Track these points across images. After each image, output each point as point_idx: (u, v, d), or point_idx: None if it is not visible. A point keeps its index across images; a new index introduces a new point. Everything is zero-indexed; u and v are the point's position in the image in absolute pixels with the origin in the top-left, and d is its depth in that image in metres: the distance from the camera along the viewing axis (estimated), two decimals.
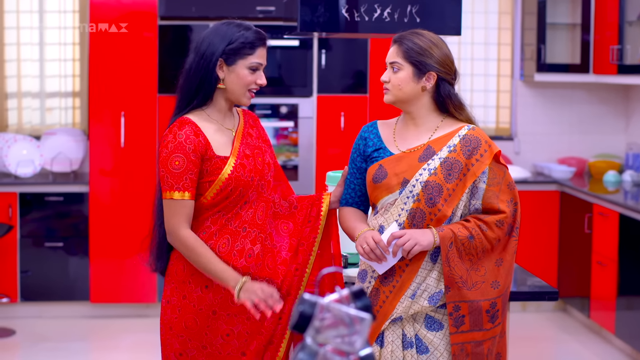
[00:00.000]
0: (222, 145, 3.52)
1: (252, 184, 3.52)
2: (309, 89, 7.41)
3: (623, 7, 7.09)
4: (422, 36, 3.50)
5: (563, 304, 7.62)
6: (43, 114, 7.84)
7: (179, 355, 3.54)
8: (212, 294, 3.49)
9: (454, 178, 3.37)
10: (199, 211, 3.50)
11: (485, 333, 3.39)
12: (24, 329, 7.02)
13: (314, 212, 3.71)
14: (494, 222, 3.36)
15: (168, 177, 3.42)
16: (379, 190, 3.44)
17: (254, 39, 3.54)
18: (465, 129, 3.46)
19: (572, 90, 8.08)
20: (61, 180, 7.32)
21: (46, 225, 7.25)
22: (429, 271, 3.39)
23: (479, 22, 8.04)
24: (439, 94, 3.48)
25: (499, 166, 3.43)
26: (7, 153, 7.27)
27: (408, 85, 3.45)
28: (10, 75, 7.76)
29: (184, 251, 3.45)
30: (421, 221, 3.38)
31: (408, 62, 3.45)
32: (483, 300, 3.35)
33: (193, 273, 3.49)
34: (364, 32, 4.28)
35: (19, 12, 7.72)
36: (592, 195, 6.91)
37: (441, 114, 3.52)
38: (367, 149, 3.54)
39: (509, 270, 3.42)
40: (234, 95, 3.54)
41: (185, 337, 3.52)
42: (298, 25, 4.24)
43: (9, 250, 7.14)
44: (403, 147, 3.48)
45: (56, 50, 7.78)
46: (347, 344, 1.74)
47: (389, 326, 3.42)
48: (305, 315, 1.77)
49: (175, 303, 3.53)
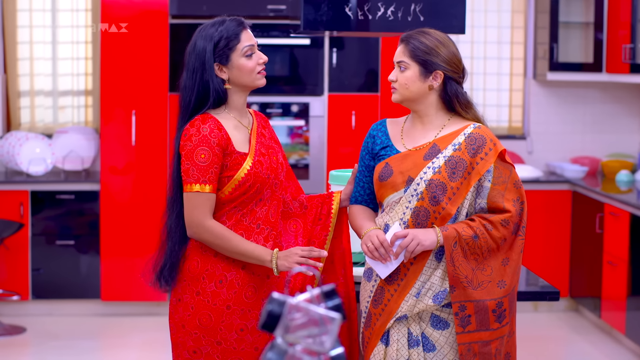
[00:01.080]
0: (240, 141, 3.56)
1: (267, 182, 3.56)
2: (320, 87, 7.40)
3: (636, 6, 7.05)
4: (429, 35, 3.49)
5: (575, 304, 7.59)
6: (55, 112, 7.86)
7: (193, 353, 3.54)
8: (226, 289, 3.50)
9: (458, 177, 3.37)
10: (216, 206, 3.52)
11: (493, 333, 3.37)
12: (34, 327, 7.04)
13: (325, 211, 3.74)
14: (499, 221, 3.36)
15: (194, 170, 3.43)
16: (384, 189, 3.45)
17: (234, 27, 3.55)
18: (471, 128, 3.45)
19: (585, 90, 8.04)
20: (73, 179, 7.35)
21: (57, 224, 7.27)
22: (433, 270, 3.39)
23: (492, 20, 8.01)
24: (446, 92, 3.47)
25: (504, 165, 3.42)
26: (19, 151, 7.29)
27: (415, 84, 3.44)
28: (22, 74, 7.78)
29: (212, 240, 3.46)
30: (425, 220, 3.38)
31: (415, 61, 3.45)
32: (489, 299, 3.35)
33: (207, 269, 3.51)
34: (368, 30, 4.27)
35: (32, 10, 7.74)
36: (603, 194, 6.88)
37: (448, 113, 3.51)
38: (375, 146, 3.55)
39: (515, 269, 3.41)
40: (245, 85, 3.58)
41: (199, 334, 3.52)
42: (301, 24, 4.24)
43: (20, 248, 7.17)
44: (409, 145, 3.48)
45: (69, 48, 7.80)
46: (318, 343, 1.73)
47: (394, 325, 3.42)
48: (273, 314, 1.76)
49: (188, 300, 3.53)
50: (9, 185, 7.18)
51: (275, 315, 1.75)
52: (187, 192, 3.45)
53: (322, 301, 1.84)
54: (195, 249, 3.53)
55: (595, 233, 6.98)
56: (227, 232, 3.46)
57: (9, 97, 7.75)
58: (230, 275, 3.50)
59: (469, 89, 7.99)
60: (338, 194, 3.77)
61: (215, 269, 3.50)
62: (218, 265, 3.50)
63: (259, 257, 3.46)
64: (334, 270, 3.76)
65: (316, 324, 1.76)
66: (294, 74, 7.48)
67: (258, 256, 3.46)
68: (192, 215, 3.46)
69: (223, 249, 3.47)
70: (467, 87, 7.99)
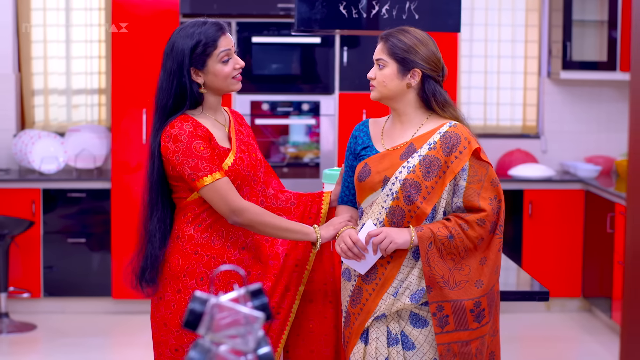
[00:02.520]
0: (221, 139, 3.58)
1: (247, 179, 3.57)
2: (330, 86, 7.39)
3: None
4: (408, 33, 3.48)
5: (588, 305, 7.53)
6: (69, 111, 7.90)
7: (175, 351, 3.55)
8: (207, 286, 3.50)
9: (432, 175, 3.35)
10: (196, 203, 3.51)
11: (472, 332, 3.36)
12: (45, 324, 7.08)
13: (315, 210, 3.75)
14: (475, 220, 3.33)
15: (203, 162, 3.44)
16: (363, 190, 3.45)
17: (213, 33, 3.55)
18: (447, 126, 3.43)
19: (599, 88, 7.98)
20: (84, 177, 7.38)
21: (69, 222, 7.30)
22: (410, 269, 3.37)
23: (506, 19, 7.97)
24: (424, 91, 3.45)
25: (480, 163, 3.39)
26: (31, 150, 7.34)
27: (392, 82, 3.44)
28: (37, 73, 7.82)
29: (256, 219, 3.48)
30: (401, 219, 3.36)
31: (393, 59, 3.45)
32: (467, 299, 3.33)
33: (188, 267, 3.52)
34: (362, 29, 4.26)
35: (46, 9, 7.78)
36: (614, 194, 6.82)
37: (427, 112, 3.49)
38: (357, 147, 3.55)
39: (493, 268, 3.39)
40: (221, 89, 3.59)
41: (181, 332, 3.52)
42: (295, 22, 4.23)
43: (32, 246, 7.21)
44: (388, 145, 3.48)
45: (82, 47, 7.84)
46: (242, 343, 1.72)
47: (372, 323, 3.41)
48: (195, 312, 1.76)
49: (169, 298, 3.54)
50: (21, 184, 7.23)
51: (197, 313, 1.75)
52: (204, 186, 3.44)
53: (249, 300, 1.83)
54: (176, 248, 3.53)
55: (607, 233, 6.93)
56: (265, 210, 3.52)
57: (23, 96, 7.80)
58: (211, 272, 3.51)
59: (483, 88, 7.96)
60: (328, 194, 3.78)
61: (196, 266, 3.51)
62: (199, 263, 3.51)
63: (303, 231, 3.53)
64: (323, 269, 3.76)
65: (240, 323, 1.75)
66: (304, 72, 7.47)
67: (302, 230, 3.54)
68: (227, 203, 3.45)
69: (269, 225, 3.49)
70: (481, 85, 7.96)
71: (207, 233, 3.52)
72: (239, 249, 3.55)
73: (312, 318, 3.76)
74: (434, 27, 3.81)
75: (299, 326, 3.76)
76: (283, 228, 3.51)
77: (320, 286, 3.77)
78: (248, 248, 3.58)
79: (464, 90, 7.96)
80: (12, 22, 7.68)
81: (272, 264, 3.64)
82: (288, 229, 3.52)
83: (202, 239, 3.52)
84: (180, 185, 3.53)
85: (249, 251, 3.58)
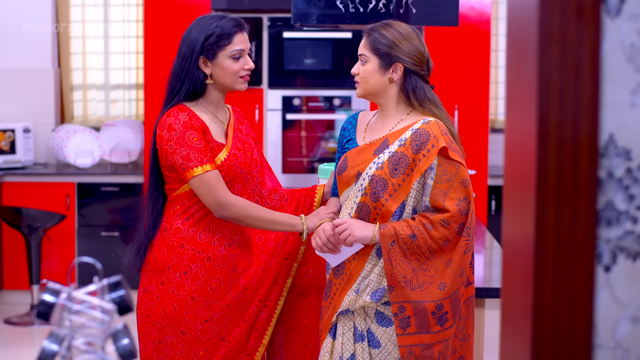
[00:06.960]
0: (217, 134, 3.58)
1: (239, 176, 3.57)
2: None
3: None
4: (390, 28, 3.41)
5: None
6: (107, 105, 7.99)
7: (158, 343, 3.57)
8: (190, 280, 3.52)
9: (400, 173, 3.28)
10: (186, 196, 3.53)
11: (434, 336, 3.27)
12: None
13: (308, 203, 3.76)
14: (439, 221, 3.23)
15: (194, 152, 3.45)
16: (341, 183, 3.42)
17: (230, 27, 3.56)
18: (420, 123, 3.33)
19: None
20: (118, 171, 7.46)
21: (103, 215, 7.39)
22: (373, 266, 3.33)
23: None
24: (406, 86, 3.40)
25: (449, 162, 3.27)
26: (67, 144, 7.45)
27: (374, 77, 3.38)
28: (75, 68, 7.94)
29: (243, 212, 3.48)
30: (367, 216, 3.32)
31: (374, 54, 3.38)
32: (428, 301, 3.24)
33: (172, 259, 3.53)
34: (360, 23, 4.23)
35: (84, 6, 7.89)
36: None
37: (409, 107, 3.42)
38: (343, 139, 3.53)
39: (457, 271, 3.28)
40: (225, 85, 3.59)
41: (163, 324, 3.55)
42: (292, 17, 4.22)
43: (66, 239, 7.31)
44: (368, 140, 3.43)
45: (120, 43, 7.93)
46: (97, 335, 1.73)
47: (340, 319, 3.38)
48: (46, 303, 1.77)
49: (153, 290, 3.56)
50: (57, 177, 7.33)
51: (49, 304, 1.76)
52: (193, 177, 3.45)
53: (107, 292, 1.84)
54: (163, 240, 3.55)
55: None
56: (252, 203, 3.52)
57: (62, 91, 7.92)
58: (195, 266, 3.52)
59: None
60: (322, 187, 3.78)
61: (180, 260, 3.52)
62: (183, 256, 3.52)
63: (289, 222, 3.52)
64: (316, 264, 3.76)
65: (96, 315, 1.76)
66: (335, 67, 7.45)
67: (288, 221, 3.52)
68: (215, 195, 3.46)
69: (256, 218, 3.49)
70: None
71: (195, 227, 3.53)
72: (225, 246, 3.56)
73: (306, 313, 3.76)
74: (431, 22, 3.76)
75: (293, 321, 3.76)
76: (269, 220, 3.51)
77: (313, 281, 3.77)
78: (236, 245, 3.58)
79: (500, 85, 7.87)
80: (52, 19, 7.80)
81: (262, 257, 3.66)
82: (274, 220, 3.52)
83: (188, 232, 3.53)
84: (171, 175, 3.54)
85: (237, 248, 3.59)
